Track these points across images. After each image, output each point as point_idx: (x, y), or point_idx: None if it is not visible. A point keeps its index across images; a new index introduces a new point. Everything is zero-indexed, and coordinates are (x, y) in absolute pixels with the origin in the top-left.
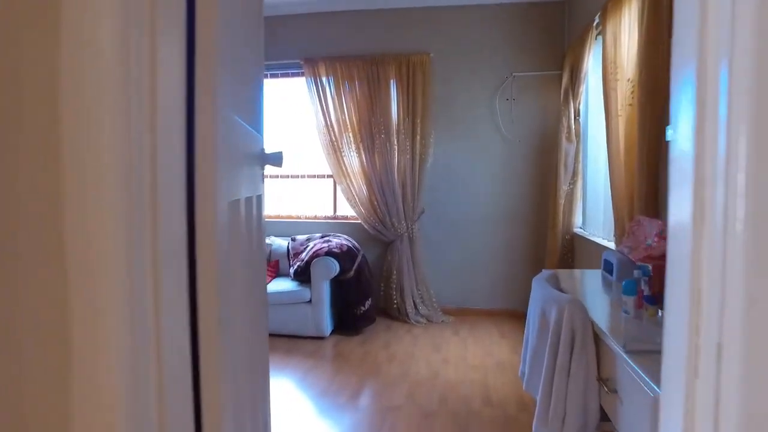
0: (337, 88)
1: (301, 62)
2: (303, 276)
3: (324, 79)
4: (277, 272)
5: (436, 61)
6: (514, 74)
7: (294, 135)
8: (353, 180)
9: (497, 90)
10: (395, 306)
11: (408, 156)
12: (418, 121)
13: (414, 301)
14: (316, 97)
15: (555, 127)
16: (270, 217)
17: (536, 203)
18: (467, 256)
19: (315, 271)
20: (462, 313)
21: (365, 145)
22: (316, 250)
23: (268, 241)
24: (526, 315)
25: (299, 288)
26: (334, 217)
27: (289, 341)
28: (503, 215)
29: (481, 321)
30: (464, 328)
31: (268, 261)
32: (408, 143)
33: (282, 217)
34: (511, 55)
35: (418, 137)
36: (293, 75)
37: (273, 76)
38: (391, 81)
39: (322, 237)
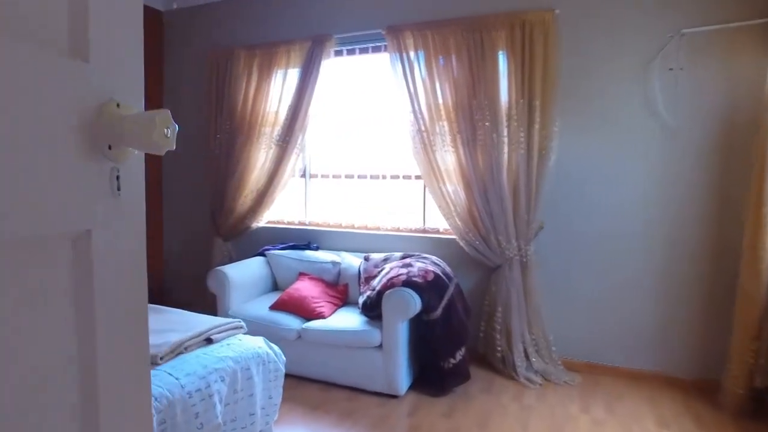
0: (428, 65)
1: (384, 33)
2: (373, 311)
3: (412, 53)
4: (345, 300)
5: (562, 20)
6: (682, 31)
7: (374, 126)
8: (447, 183)
9: (654, 57)
10: (499, 354)
11: (522, 151)
12: (537, 103)
13: (525, 350)
14: (401, 76)
15: (752, 108)
16: (340, 227)
17: (717, 221)
18: (603, 291)
19: (388, 307)
20: (593, 371)
21: (464, 138)
22: (392, 278)
23: (336, 258)
24: (695, 385)
25: (367, 327)
26: (423, 230)
27: (350, 396)
28: (660, 236)
29: (623, 389)
30: (598, 402)
31: (336, 284)
32: (522, 134)
33: (356, 228)
34: (676, 1)
35: (537, 126)
36: (374, 50)
37: (349, 52)
38: (500, 51)
39: (402, 258)
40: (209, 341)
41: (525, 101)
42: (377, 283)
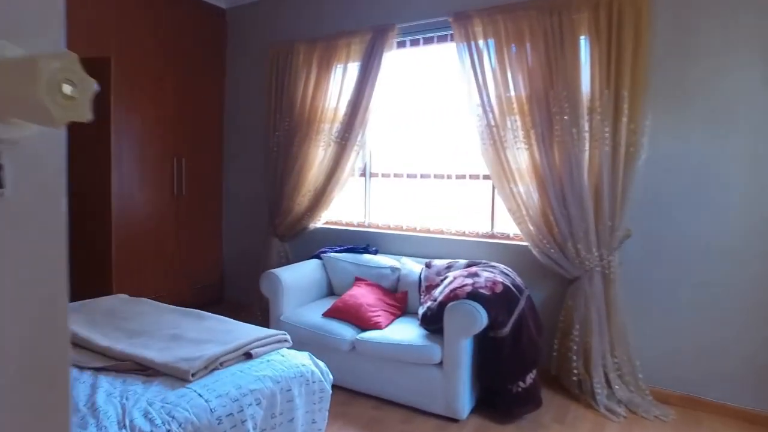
0: (499, 53)
1: (450, 20)
2: (434, 324)
3: (480, 42)
4: (403, 310)
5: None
6: None
7: (439, 122)
8: (519, 183)
9: None
10: (575, 378)
11: (606, 148)
12: (625, 93)
13: (607, 376)
14: (469, 67)
15: None
16: (401, 230)
17: None
18: (702, 310)
19: (450, 321)
20: (691, 406)
21: (538, 133)
22: (455, 288)
23: (396, 263)
24: None
25: (427, 342)
26: (491, 236)
27: (406, 416)
28: None
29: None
30: None
31: (394, 292)
32: (607, 128)
33: (417, 232)
34: None
35: (624, 119)
36: (439, 40)
37: (413, 43)
38: (582, 36)
39: (468, 266)
40: (249, 356)
41: (611, 92)
42: (439, 293)
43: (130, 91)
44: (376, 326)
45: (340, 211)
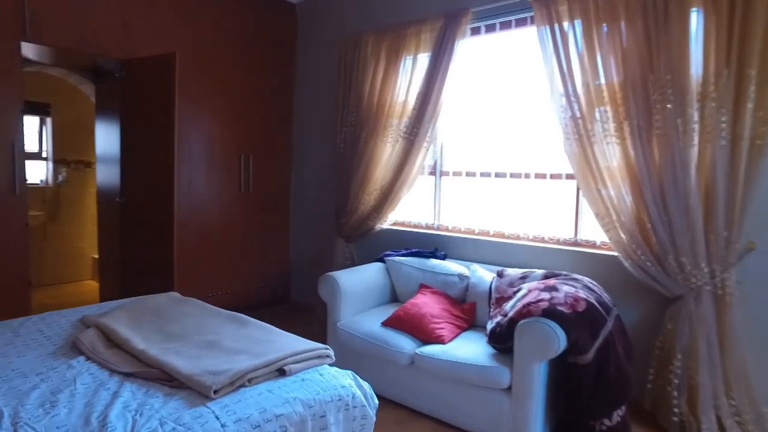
0: (587, 35)
1: (531, 0)
2: (504, 342)
3: (566, 23)
4: (471, 323)
5: None
6: None
7: (516, 115)
8: (609, 183)
9: None
10: (676, 419)
11: (723, 142)
12: (752, 73)
13: (720, 420)
14: (552, 53)
15: None
16: (473, 234)
17: None
18: None
19: (522, 341)
20: None
21: (634, 125)
22: (530, 303)
23: (465, 270)
24: None
25: (495, 363)
26: (574, 243)
27: None
28: None
29: None
30: None
31: (461, 302)
32: (725, 118)
33: (490, 236)
34: None
35: (750, 105)
36: (518, 24)
37: (488, 29)
38: (693, 9)
39: (546, 277)
40: (282, 372)
41: (731, 72)
42: (510, 307)
43: (200, 87)
44: (439, 340)
45: (408, 211)
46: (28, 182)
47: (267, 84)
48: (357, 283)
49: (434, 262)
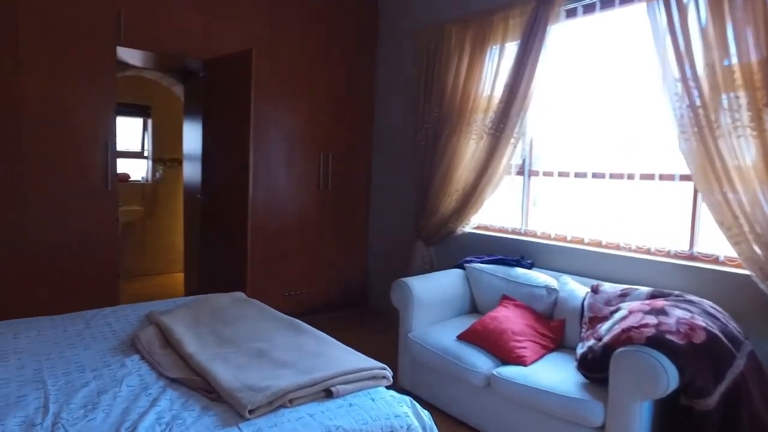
0: (716, 5)
1: None
2: (597, 371)
3: None
4: (558, 343)
5: None
6: None
7: (619, 107)
8: (739, 186)
9: None
10: None
11: None
12: None
13: None
14: (665, 30)
15: None
16: (565, 241)
17: None
18: None
19: (619, 372)
20: None
21: None
22: (630, 328)
23: (553, 282)
24: None
25: (585, 396)
26: (690, 257)
27: None
28: None
29: None
30: None
31: (548, 318)
32: None
33: (585, 245)
34: None
35: None
36: (623, 1)
37: (587, 10)
38: None
39: (652, 296)
40: (329, 393)
41: None
42: (606, 330)
43: (280, 85)
44: (520, 361)
45: (493, 214)
46: (130, 179)
47: (348, 79)
48: (432, 291)
49: (519, 271)
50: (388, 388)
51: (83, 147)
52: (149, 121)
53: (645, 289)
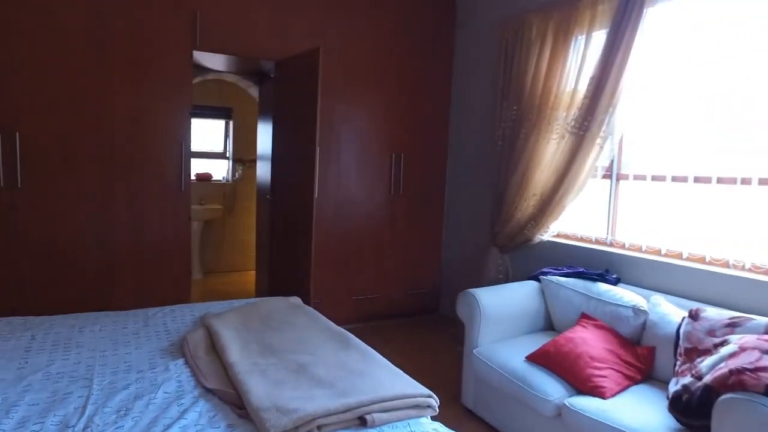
0: None
1: None
2: (694, 417)
3: None
4: (647, 374)
5: None
6: None
7: (727, 101)
8: None
9: None
10: None
11: None
12: None
13: None
14: None
15: None
16: (658, 254)
17: None
18: None
19: (724, 424)
20: None
21: None
22: (742, 369)
23: (642, 303)
24: None
25: None
26: None
27: None
28: None
29: None
30: None
31: (635, 344)
32: None
33: (684, 259)
34: None
35: None
36: None
37: None
38: None
39: None
40: (363, 422)
41: None
42: (709, 367)
43: (351, 83)
44: (597, 392)
45: (576, 221)
46: (212, 179)
47: (423, 77)
48: (502, 304)
49: (602, 287)
50: (434, 417)
51: (161, 149)
52: (231, 123)
53: (763, 320)
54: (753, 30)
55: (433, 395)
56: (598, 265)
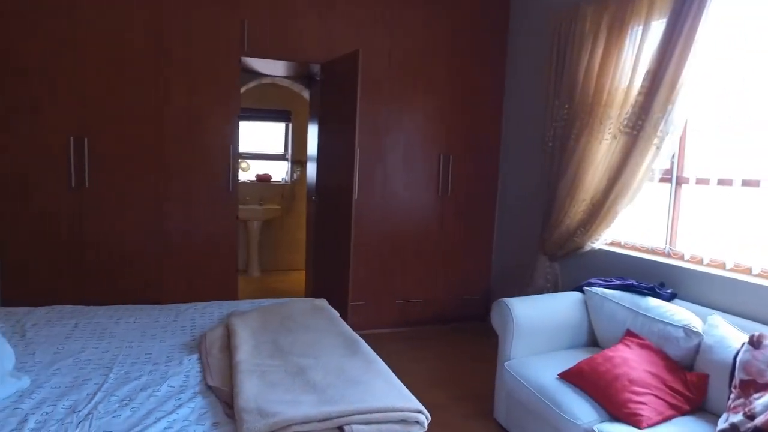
0: None
1: None
2: None
3: None
4: (696, 404)
5: None
6: None
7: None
8: None
9: None
10: None
11: None
12: None
13: None
14: None
15: None
16: (722, 268)
17: None
18: None
19: None
20: None
21: None
22: None
23: (697, 323)
24: None
25: None
26: None
27: None
28: None
29: None
30: None
31: (685, 369)
32: None
33: (753, 275)
34: None
35: None
36: None
37: None
38: None
39: None
40: None
41: None
42: (764, 406)
43: (399, 82)
44: (632, 420)
45: (631, 228)
46: (272, 180)
47: (475, 79)
48: (538, 316)
49: (652, 302)
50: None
51: (211, 151)
52: (290, 126)
53: None
54: None
55: (424, 411)
56: (653, 278)
